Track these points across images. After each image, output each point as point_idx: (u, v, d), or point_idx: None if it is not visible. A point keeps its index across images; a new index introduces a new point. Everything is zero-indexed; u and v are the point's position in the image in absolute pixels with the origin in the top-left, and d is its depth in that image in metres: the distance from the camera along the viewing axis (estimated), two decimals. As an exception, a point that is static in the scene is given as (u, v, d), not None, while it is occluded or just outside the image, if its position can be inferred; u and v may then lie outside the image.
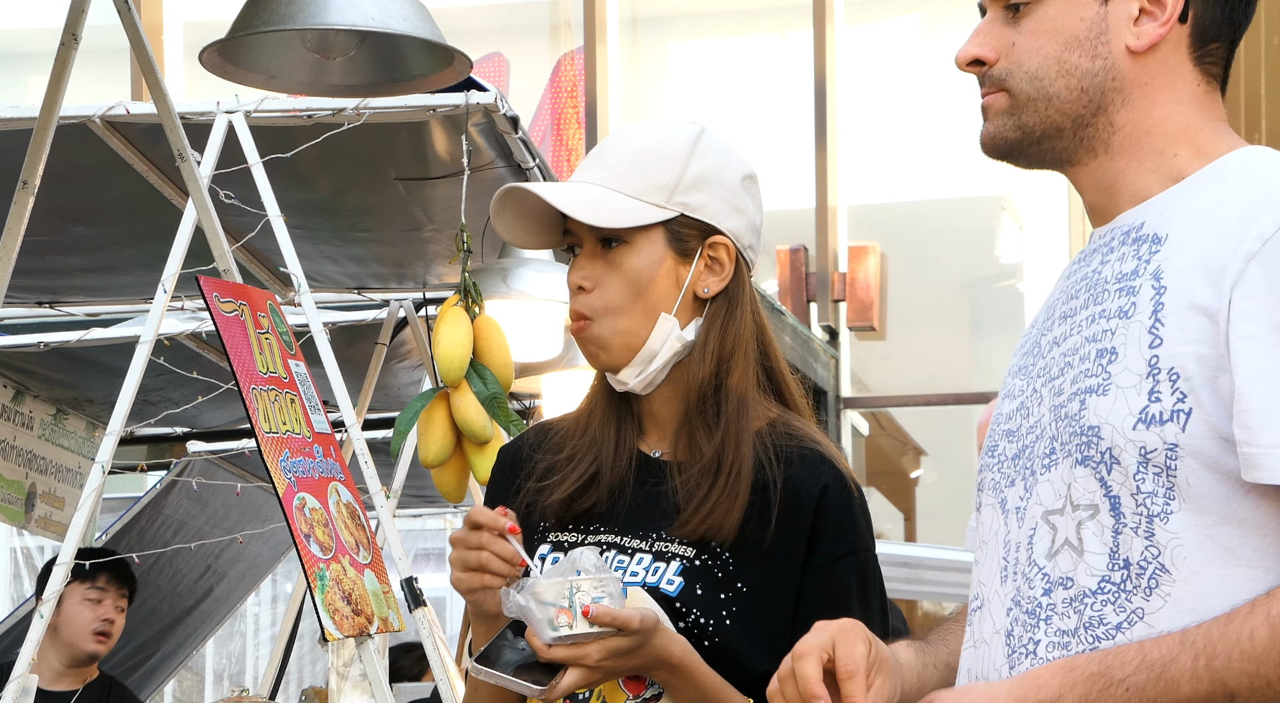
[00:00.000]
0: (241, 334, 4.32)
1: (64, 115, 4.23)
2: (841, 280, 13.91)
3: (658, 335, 2.39)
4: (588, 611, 2.20)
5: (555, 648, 2.21)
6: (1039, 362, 2.01)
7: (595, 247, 2.38)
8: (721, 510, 2.34)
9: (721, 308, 2.42)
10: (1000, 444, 2.03)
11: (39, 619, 4.21)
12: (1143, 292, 1.90)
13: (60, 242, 5.63)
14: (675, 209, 2.38)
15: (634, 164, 2.39)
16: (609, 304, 2.38)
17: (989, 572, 2.00)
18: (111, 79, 12.78)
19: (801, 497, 2.37)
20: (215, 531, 7.66)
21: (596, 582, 2.22)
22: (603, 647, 2.21)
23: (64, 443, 7.21)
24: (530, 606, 2.22)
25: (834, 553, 2.38)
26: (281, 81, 3.88)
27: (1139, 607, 1.86)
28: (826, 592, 2.36)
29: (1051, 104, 1.99)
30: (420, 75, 3.87)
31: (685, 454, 2.40)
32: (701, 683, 2.28)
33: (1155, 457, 1.85)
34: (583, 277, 2.39)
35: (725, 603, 2.33)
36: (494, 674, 2.25)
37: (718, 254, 2.41)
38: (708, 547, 2.35)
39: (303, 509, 4.29)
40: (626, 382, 2.41)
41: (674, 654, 2.26)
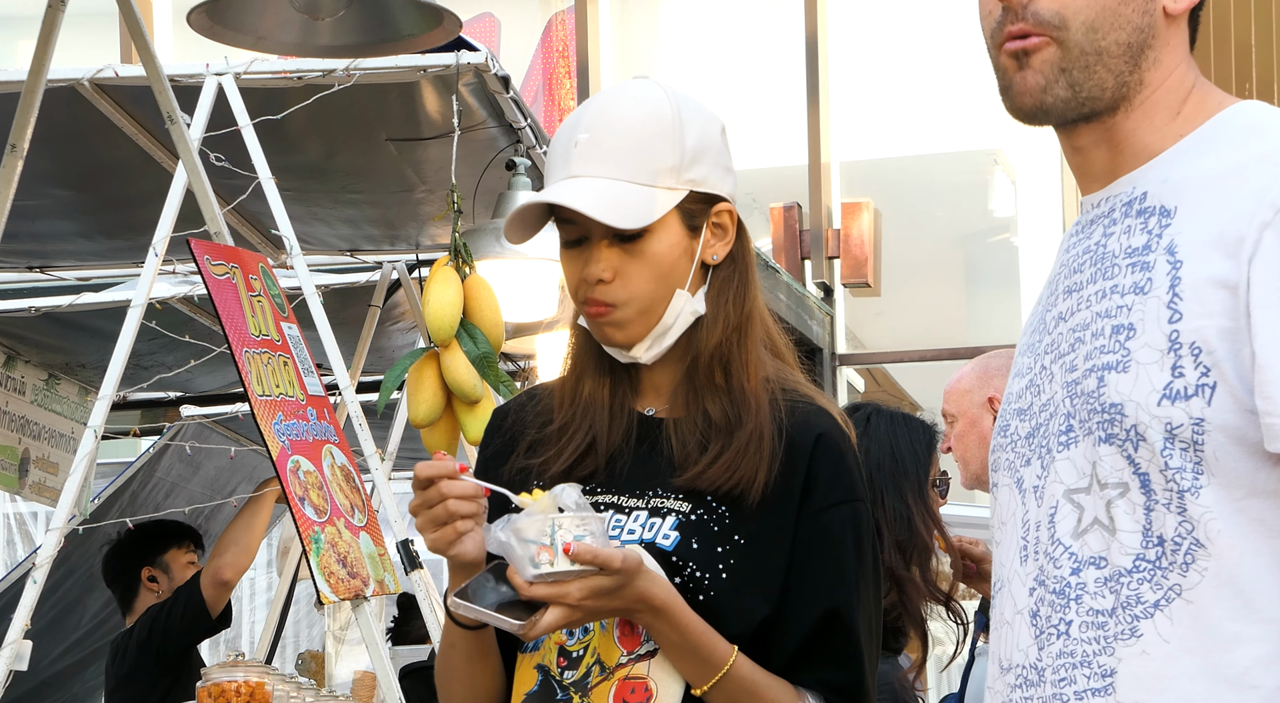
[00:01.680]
0: (234, 297, 4.30)
1: (52, 78, 4.21)
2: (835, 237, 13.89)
3: (672, 311, 2.38)
4: (569, 548, 2.17)
5: (536, 586, 2.19)
6: (1045, 338, 1.99)
7: (609, 238, 2.37)
8: (749, 468, 2.33)
9: (730, 272, 2.43)
10: (1012, 423, 2.01)
11: (32, 585, 4.20)
12: (1158, 267, 1.88)
13: (50, 206, 5.61)
14: (685, 188, 2.38)
15: (636, 150, 2.36)
16: (634, 293, 2.37)
17: (1009, 552, 1.98)
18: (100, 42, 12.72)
19: (797, 447, 2.36)
20: (209, 494, 7.65)
21: (579, 520, 2.20)
22: (584, 586, 2.19)
23: (57, 408, 7.20)
24: (511, 542, 2.19)
25: (828, 501, 2.36)
26: (270, 43, 3.86)
27: (1176, 583, 1.85)
28: (821, 540, 2.35)
29: (1102, 60, 1.92)
30: (410, 35, 3.85)
31: (684, 411, 2.39)
32: (685, 627, 2.27)
33: (1182, 432, 1.83)
34: (603, 269, 2.36)
35: (722, 556, 2.32)
36: (472, 609, 2.22)
37: (721, 221, 2.41)
38: (704, 502, 2.34)
39: (297, 472, 4.27)
40: (638, 357, 2.40)
41: (657, 596, 2.25)
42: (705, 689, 2.29)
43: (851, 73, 13.86)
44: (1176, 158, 1.94)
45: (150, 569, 6.03)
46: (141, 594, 6.03)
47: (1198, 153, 1.93)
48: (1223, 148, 1.92)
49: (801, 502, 2.35)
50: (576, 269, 2.39)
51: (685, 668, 2.29)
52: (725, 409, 2.37)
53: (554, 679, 2.33)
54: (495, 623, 2.23)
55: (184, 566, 6.08)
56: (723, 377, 2.39)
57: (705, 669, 2.28)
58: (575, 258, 2.40)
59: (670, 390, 2.42)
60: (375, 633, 4.41)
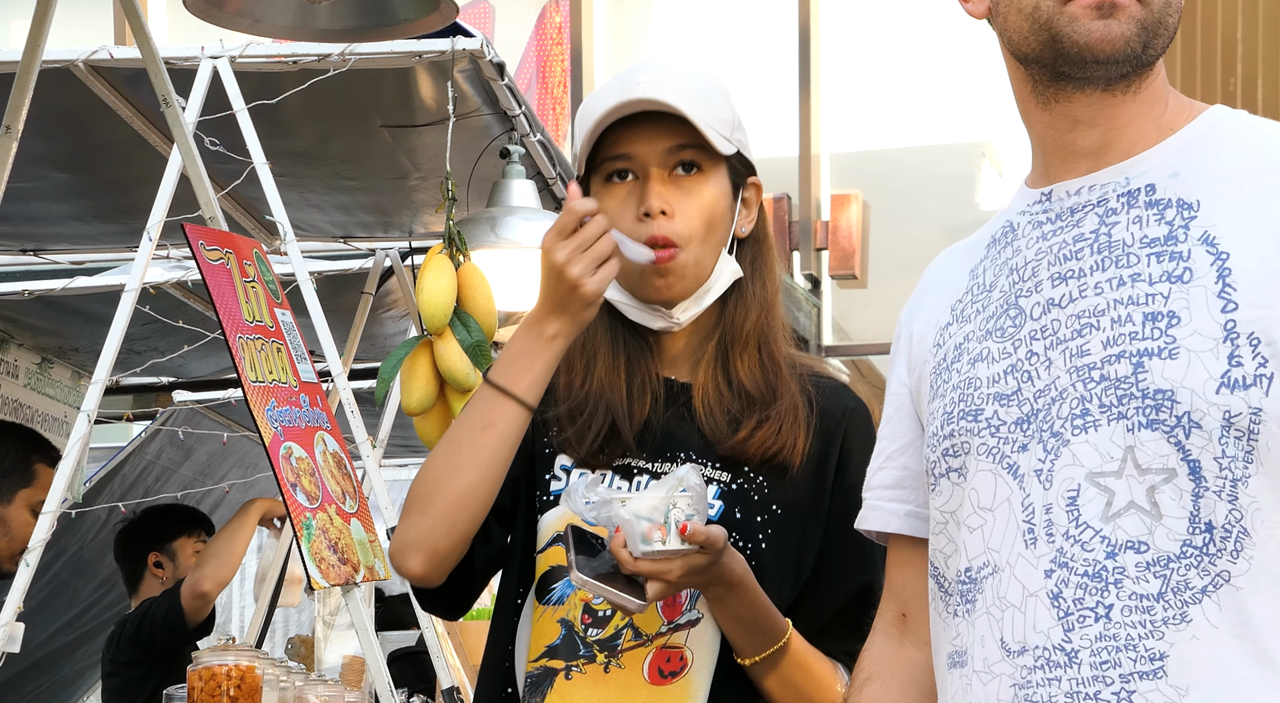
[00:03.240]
0: (227, 282, 4.30)
1: (47, 59, 4.21)
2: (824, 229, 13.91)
3: (718, 270, 2.39)
4: (685, 528, 2.21)
5: (643, 562, 2.22)
6: (1029, 324, 1.99)
7: (665, 173, 2.35)
8: (790, 436, 2.36)
9: (760, 248, 2.45)
10: (987, 408, 2.00)
11: (24, 568, 4.20)
12: (1195, 257, 1.90)
13: (44, 189, 5.61)
14: (736, 145, 2.40)
15: (703, 95, 2.37)
16: (691, 231, 2.36)
17: (1001, 537, 1.98)
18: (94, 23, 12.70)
19: (830, 420, 2.40)
20: (200, 479, 7.65)
21: (690, 500, 2.24)
22: (685, 564, 2.23)
23: (49, 392, 7.19)
24: (630, 518, 2.22)
25: (862, 475, 2.36)
26: (266, 26, 3.86)
27: (1224, 570, 1.86)
28: (855, 513, 2.34)
29: (1165, 27, 1.95)
30: (406, 20, 3.85)
31: (711, 381, 2.40)
32: (754, 602, 2.30)
33: (1239, 421, 1.85)
34: (663, 201, 2.34)
35: (761, 526, 2.35)
36: (593, 583, 2.25)
37: (750, 195, 2.45)
38: (742, 472, 2.36)
39: (289, 458, 4.28)
40: (676, 317, 2.40)
41: (734, 572, 2.28)
42: (756, 660, 2.32)
43: (842, 65, 13.87)
44: (1177, 154, 1.98)
45: (157, 554, 6.04)
46: (146, 578, 6.04)
47: (1201, 151, 1.97)
48: (1226, 147, 1.97)
49: (837, 475, 2.39)
50: (629, 208, 2.36)
51: (742, 639, 2.32)
52: (761, 381, 2.38)
53: (578, 635, 2.35)
54: (614, 599, 2.26)
55: (191, 554, 6.09)
56: (757, 349, 2.40)
57: (763, 642, 2.32)
58: (622, 195, 2.37)
59: (689, 359, 2.43)
60: (365, 619, 4.41)
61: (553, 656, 2.35)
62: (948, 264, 2.19)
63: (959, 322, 2.09)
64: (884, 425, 2.23)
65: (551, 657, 2.35)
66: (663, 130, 2.34)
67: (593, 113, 2.34)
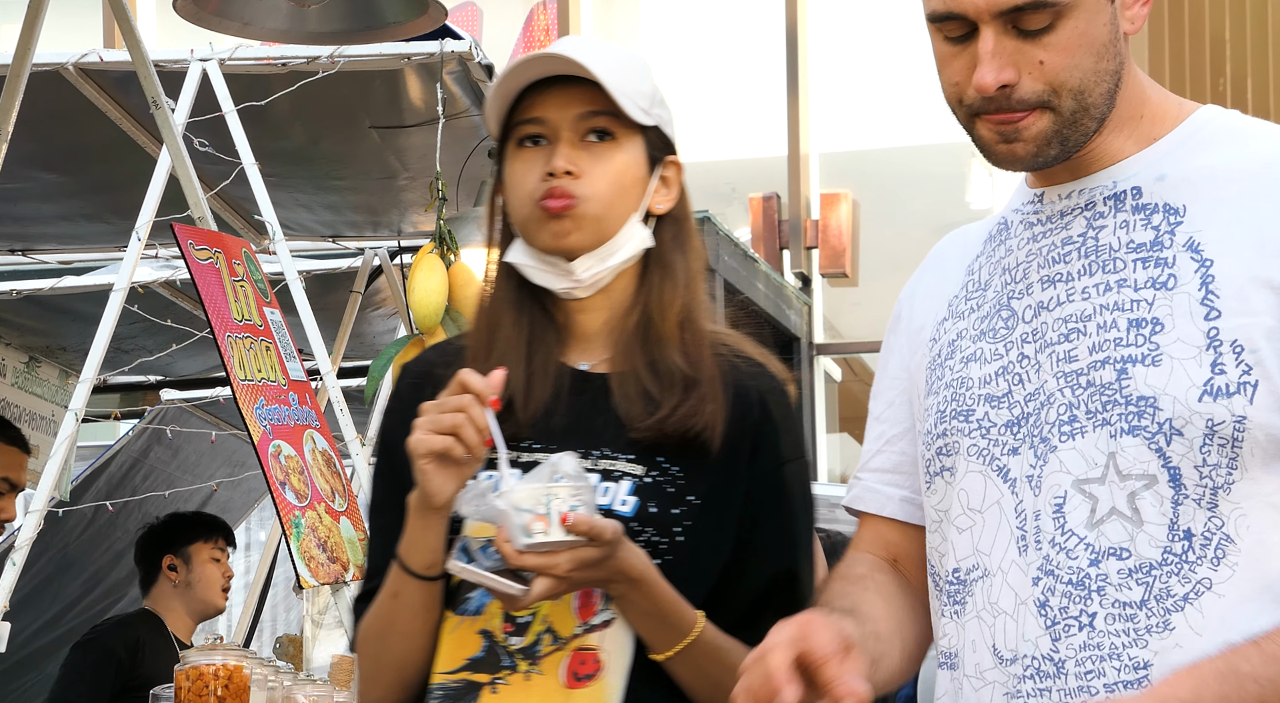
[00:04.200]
0: (216, 282, 4.32)
1: (37, 62, 4.22)
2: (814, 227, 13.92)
3: (626, 233, 2.34)
4: (566, 518, 2.13)
5: (527, 556, 2.14)
6: (1020, 327, 2.00)
7: (577, 138, 2.34)
8: (711, 416, 2.30)
9: (679, 228, 2.41)
10: (978, 409, 2.01)
11: (11, 566, 4.22)
12: (1180, 264, 1.91)
13: (33, 189, 5.62)
14: (654, 119, 2.37)
15: (622, 67, 2.35)
16: (596, 192, 2.32)
17: (990, 541, 1.98)
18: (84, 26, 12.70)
19: (745, 402, 2.34)
20: (188, 478, 7.66)
21: (574, 489, 2.15)
22: (573, 556, 2.15)
23: (37, 391, 7.20)
24: (507, 510, 2.13)
25: (780, 458, 2.35)
26: (256, 29, 3.88)
27: (1205, 577, 1.85)
28: (774, 498, 2.34)
29: (1089, 113, 1.94)
30: (395, 23, 3.87)
31: (629, 366, 2.34)
32: (659, 597, 2.24)
33: (1222, 429, 1.85)
34: (570, 162, 2.31)
35: (678, 518, 2.29)
36: (470, 570, 2.18)
37: (669, 175, 2.40)
38: (655, 463, 2.31)
39: (278, 457, 4.29)
40: (578, 272, 2.34)
41: (635, 567, 2.21)
42: (669, 655, 2.26)
43: (831, 64, 13.89)
44: (1163, 158, 1.98)
45: (172, 557, 6.04)
46: (160, 581, 6.04)
47: (1188, 154, 1.97)
48: (1213, 149, 1.96)
49: (752, 458, 2.33)
50: (535, 168, 2.33)
51: (651, 636, 2.26)
52: (683, 359, 2.33)
53: (499, 646, 2.29)
54: (495, 586, 2.18)
55: (206, 560, 6.08)
56: (679, 327, 2.35)
57: (672, 636, 2.26)
58: (532, 159, 2.34)
59: (606, 344, 2.37)
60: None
61: (475, 668, 2.29)
62: (951, 249, 2.19)
63: (954, 318, 2.09)
64: (884, 407, 2.19)
65: (474, 670, 2.29)
66: (576, 96, 2.33)
67: (506, 76, 2.34)
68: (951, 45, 1.95)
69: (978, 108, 1.94)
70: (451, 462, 2.20)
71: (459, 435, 2.18)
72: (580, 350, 2.38)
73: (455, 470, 2.21)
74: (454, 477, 2.21)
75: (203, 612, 6.11)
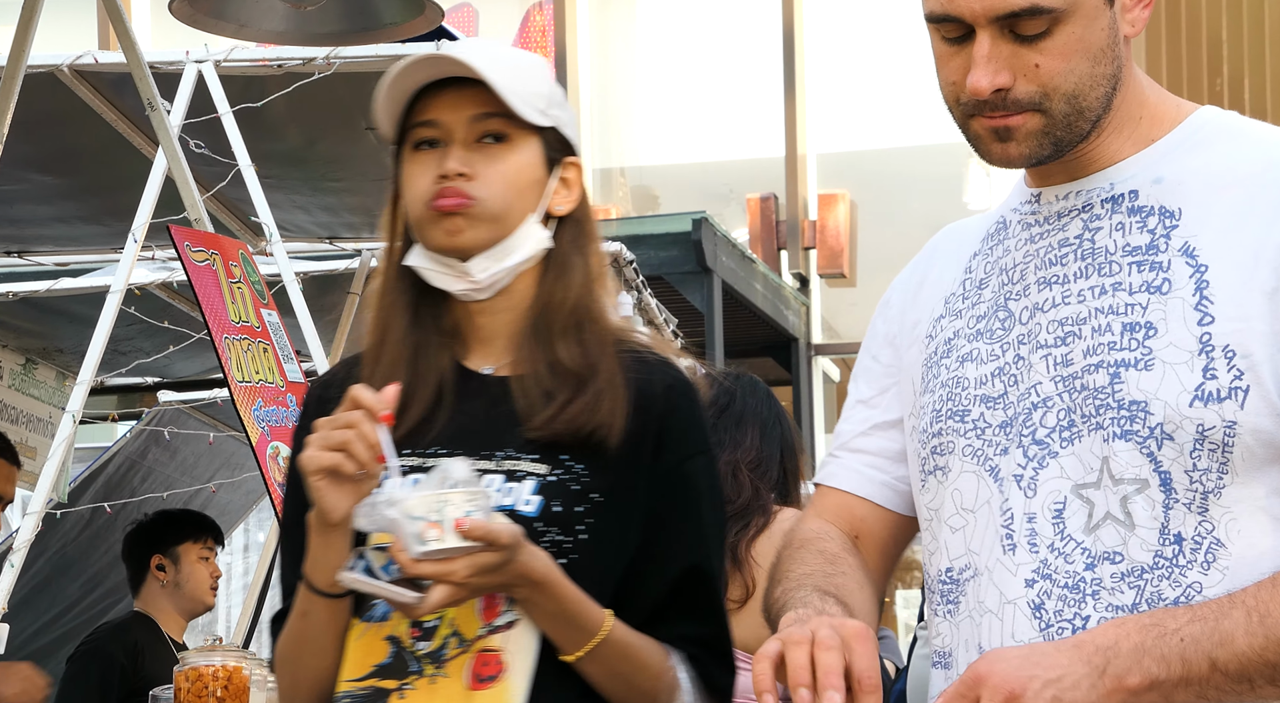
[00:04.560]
0: (213, 283, 4.32)
1: (32, 64, 4.22)
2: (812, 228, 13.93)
3: (522, 233, 2.33)
4: (460, 524, 2.11)
5: (423, 563, 2.12)
6: (1016, 328, 2.00)
7: (471, 140, 2.33)
8: (607, 412, 2.29)
9: (575, 229, 2.39)
10: (974, 409, 2.01)
11: (9, 568, 4.22)
12: (1175, 268, 1.91)
13: (29, 191, 5.62)
14: (551, 120, 2.36)
15: (516, 68, 2.35)
16: (490, 194, 2.31)
17: (981, 540, 1.98)
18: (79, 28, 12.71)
19: (647, 399, 2.33)
20: (186, 479, 7.66)
21: (468, 495, 2.13)
22: (470, 562, 2.13)
23: (34, 393, 7.20)
24: (399, 519, 2.11)
25: (684, 453, 2.33)
26: (251, 30, 3.88)
27: (1195, 581, 1.86)
28: (680, 493, 2.32)
29: (1083, 116, 1.95)
30: (391, 24, 3.87)
31: (529, 367, 2.34)
32: (562, 597, 2.22)
33: (1213, 434, 1.86)
34: (462, 164, 2.30)
35: (581, 516, 2.28)
36: (367, 581, 2.16)
37: (569, 175, 2.39)
38: (559, 461, 2.29)
39: (276, 458, 4.30)
40: (474, 273, 2.33)
41: (537, 570, 2.19)
42: (579, 656, 2.25)
43: (828, 65, 13.90)
44: (1160, 160, 1.98)
45: (161, 557, 6.03)
46: (148, 580, 6.04)
47: (1184, 156, 1.97)
48: (1210, 150, 1.97)
49: (655, 454, 2.32)
50: (429, 171, 2.32)
51: (559, 637, 2.25)
52: (579, 357, 2.32)
53: (407, 651, 2.27)
54: (388, 595, 2.17)
55: (195, 560, 6.08)
56: (576, 326, 2.34)
57: (580, 637, 2.25)
58: (427, 162, 2.33)
59: (508, 347, 2.37)
60: (352, 618, 4.42)
61: (383, 675, 2.28)
62: (947, 245, 2.19)
63: (950, 316, 2.09)
64: (875, 393, 2.19)
65: (382, 676, 2.28)
66: (470, 98, 2.32)
67: (395, 78, 2.34)
68: (949, 45, 1.96)
69: (973, 108, 1.95)
70: (344, 478, 2.19)
71: (349, 451, 2.18)
72: (484, 353, 2.38)
73: (350, 487, 2.20)
74: (349, 493, 2.20)
75: (192, 610, 6.11)
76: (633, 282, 7.68)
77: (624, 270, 7.53)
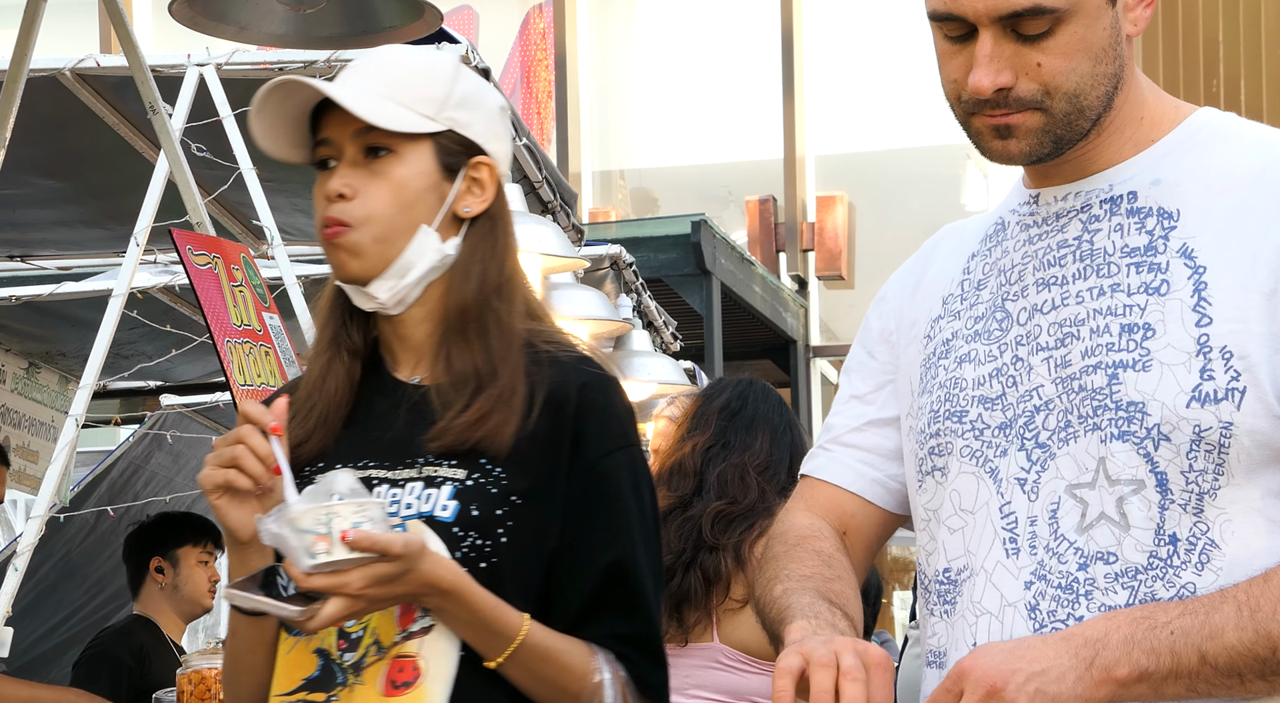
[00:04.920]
0: (215, 287, 4.33)
1: (34, 68, 4.23)
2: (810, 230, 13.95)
3: (416, 247, 2.32)
4: (346, 536, 2.09)
5: (314, 577, 2.10)
6: (1014, 329, 2.00)
7: (359, 156, 2.32)
8: (496, 420, 2.28)
9: (486, 229, 2.38)
10: (972, 410, 2.01)
11: (13, 572, 4.23)
12: (1174, 269, 1.92)
13: (31, 195, 5.63)
14: (445, 123, 2.34)
15: (403, 77, 2.34)
16: (371, 213, 2.30)
17: (979, 541, 1.99)
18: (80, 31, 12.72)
19: (560, 397, 2.32)
20: (189, 483, 7.66)
21: (356, 506, 2.11)
22: (365, 574, 2.11)
23: (37, 397, 7.21)
24: (286, 533, 2.10)
25: (602, 450, 2.33)
26: (252, 33, 3.89)
27: (1189, 582, 1.87)
28: (600, 490, 2.32)
29: (1083, 115, 1.95)
30: (391, 27, 3.88)
31: (444, 375, 2.34)
32: (475, 606, 2.21)
33: (1209, 435, 1.86)
34: (344, 184, 2.30)
35: (501, 520, 2.27)
36: (250, 598, 2.15)
37: (480, 175, 2.37)
38: (478, 465, 2.29)
39: (278, 461, 4.30)
40: (378, 296, 2.33)
41: (444, 579, 2.18)
42: (499, 662, 2.25)
43: (826, 67, 13.92)
44: (1158, 162, 1.99)
45: (160, 560, 6.04)
46: (147, 582, 6.05)
47: (1182, 157, 1.98)
48: (1208, 152, 1.98)
49: (572, 453, 2.31)
50: (323, 192, 2.33)
51: (478, 643, 2.24)
52: (478, 364, 2.32)
53: (334, 663, 2.28)
54: (273, 611, 2.16)
55: (195, 564, 6.09)
56: (478, 333, 2.34)
57: (498, 643, 2.24)
58: (324, 182, 2.34)
59: (432, 354, 2.37)
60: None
61: (312, 688, 2.28)
62: (946, 244, 2.19)
63: (949, 316, 2.09)
64: (871, 389, 2.19)
65: (310, 689, 2.28)
66: (352, 115, 2.32)
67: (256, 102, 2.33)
68: (951, 44, 1.97)
69: (974, 107, 1.96)
70: (243, 494, 2.20)
71: (239, 466, 2.18)
72: (410, 363, 2.38)
73: (253, 503, 2.21)
74: (250, 509, 2.21)
75: (190, 613, 6.13)
76: (632, 284, 7.69)
77: (623, 273, 7.54)
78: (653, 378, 7.61)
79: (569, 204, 6.03)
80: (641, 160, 14.98)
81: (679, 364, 7.95)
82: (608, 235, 10.80)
